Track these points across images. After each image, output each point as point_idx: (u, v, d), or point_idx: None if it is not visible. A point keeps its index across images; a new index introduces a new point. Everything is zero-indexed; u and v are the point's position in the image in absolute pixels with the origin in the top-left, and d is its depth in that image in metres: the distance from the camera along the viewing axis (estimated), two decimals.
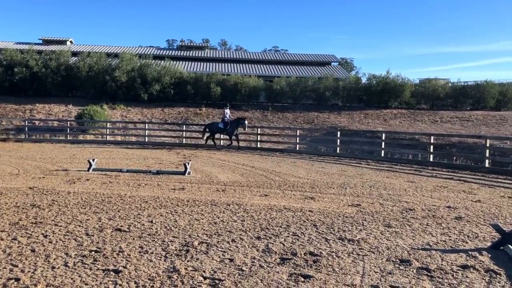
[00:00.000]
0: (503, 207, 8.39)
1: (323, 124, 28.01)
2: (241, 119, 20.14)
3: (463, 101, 32.73)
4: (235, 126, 19.80)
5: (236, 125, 19.80)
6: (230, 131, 19.90)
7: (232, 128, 19.80)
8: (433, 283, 4.29)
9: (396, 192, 9.74)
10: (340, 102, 34.86)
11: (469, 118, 27.94)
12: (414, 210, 7.79)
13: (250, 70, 41.50)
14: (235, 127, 19.80)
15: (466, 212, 7.75)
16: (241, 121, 19.81)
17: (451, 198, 9.15)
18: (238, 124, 19.80)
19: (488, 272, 4.66)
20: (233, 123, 19.90)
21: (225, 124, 19.98)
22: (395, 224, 6.70)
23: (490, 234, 6.20)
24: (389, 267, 4.73)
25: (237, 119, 20.30)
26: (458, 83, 36.07)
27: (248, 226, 6.31)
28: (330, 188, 10.12)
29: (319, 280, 4.27)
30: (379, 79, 33.71)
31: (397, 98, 32.79)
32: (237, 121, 19.98)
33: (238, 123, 19.82)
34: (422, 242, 5.76)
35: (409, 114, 30.13)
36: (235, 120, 20.18)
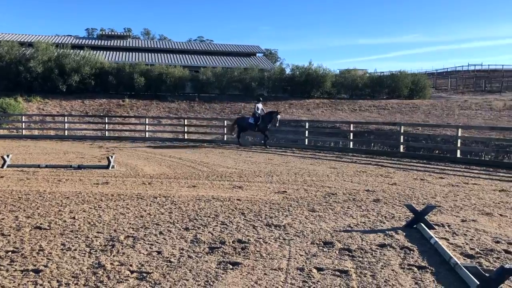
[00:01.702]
0: (416, 188, 9.04)
1: (250, 114, 28.27)
2: (273, 112, 17.94)
3: (379, 90, 34.62)
4: (267, 121, 17.65)
5: (269, 119, 17.60)
6: (263, 127, 17.78)
7: (265, 124, 17.67)
8: (354, 262, 4.55)
9: (320, 178, 10.13)
10: (265, 92, 35.40)
11: (385, 106, 29.60)
12: (336, 195, 8.17)
13: (175, 60, 40.79)
14: (267, 122, 17.65)
15: (383, 195, 8.26)
16: (273, 115, 17.59)
17: (369, 182, 9.69)
18: (270, 118, 17.58)
19: (403, 249, 5.02)
20: (265, 118, 17.73)
21: (256, 119, 17.83)
22: (319, 209, 6.98)
23: (405, 214, 6.67)
24: (313, 249, 4.94)
25: (269, 113, 18.06)
26: (375, 73, 38.12)
27: (176, 218, 6.26)
28: (257, 176, 10.30)
29: (247, 266, 4.36)
30: (302, 70, 34.67)
31: (319, 88, 33.92)
32: (270, 116, 17.75)
33: (270, 118, 17.61)
34: (343, 224, 6.06)
35: (330, 103, 31.31)
36: (267, 114, 17.96)
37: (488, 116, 23.87)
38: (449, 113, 25.94)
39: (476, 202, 7.69)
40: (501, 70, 60.14)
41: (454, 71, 63.38)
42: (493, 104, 28.64)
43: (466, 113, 25.45)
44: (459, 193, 8.51)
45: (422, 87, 34.66)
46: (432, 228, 5.83)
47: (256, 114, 17.88)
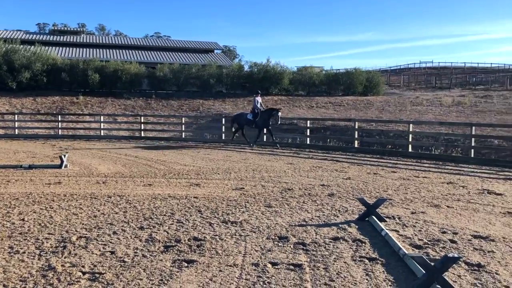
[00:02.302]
0: (369, 182, 9.31)
1: (208, 111, 28.15)
2: (273, 109, 17.08)
3: (335, 87, 35.24)
4: (266, 118, 16.70)
5: (268, 116, 16.66)
6: (261, 124, 16.85)
7: (263, 120, 16.70)
8: (308, 256, 4.65)
9: (277, 174, 10.24)
10: (224, 89, 35.28)
11: (341, 103, 30.20)
12: (293, 190, 8.29)
13: (131, 56, 39.96)
14: (266, 119, 16.70)
15: (337, 189, 8.45)
16: (274, 112, 16.65)
17: (325, 177, 9.89)
18: (269, 115, 16.64)
19: (355, 242, 5.17)
20: (263, 114, 16.79)
21: (255, 115, 16.91)
22: (275, 204, 7.07)
23: (357, 207, 6.85)
24: (269, 244, 5.00)
25: (268, 110, 17.21)
26: (331, 70, 38.63)
27: (130, 217, 6.17)
28: (215, 174, 10.28)
29: (202, 263, 4.37)
30: (260, 67, 34.79)
31: (277, 85, 34.14)
32: (269, 112, 16.82)
33: (270, 115, 16.66)
34: (299, 219, 6.17)
35: (288, 100, 31.60)
36: (266, 111, 17.02)
37: (438, 112, 24.82)
38: (401, 109, 26.78)
39: (425, 195, 8.01)
40: (450, 68, 62.72)
41: (407, 68, 65.53)
42: (443, 100, 29.80)
43: (417, 109, 26.35)
44: (410, 186, 8.84)
45: (376, 84, 35.57)
46: (383, 221, 6.03)
47: (256, 109, 16.92)
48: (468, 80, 48.18)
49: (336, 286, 3.88)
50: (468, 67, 63.73)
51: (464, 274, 4.22)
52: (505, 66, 64.08)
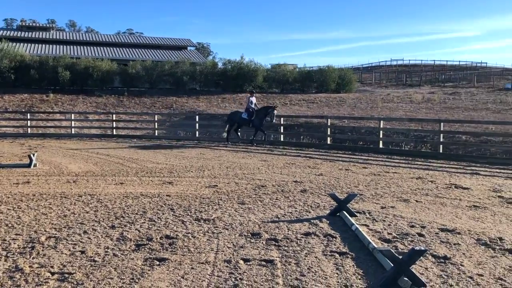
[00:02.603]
0: (341, 178, 9.45)
1: (182, 108, 27.96)
2: (269, 107, 16.65)
3: (309, 85, 35.56)
4: (262, 117, 16.30)
5: (264, 115, 16.26)
6: (257, 123, 16.39)
7: (259, 119, 16.31)
8: (280, 252, 4.69)
9: (251, 171, 10.27)
10: (198, 86, 35.12)
11: (314, 100, 30.48)
12: (266, 187, 8.34)
13: (102, 53, 39.31)
14: (262, 117, 16.30)
15: (310, 185, 8.55)
16: (269, 110, 16.23)
17: (298, 173, 9.98)
18: (265, 113, 16.24)
19: (326, 237, 5.25)
20: (259, 113, 16.41)
21: (250, 114, 16.51)
22: (248, 201, 7.10)
23: (329, 203, 6.94)
24: (241, 241, 5.03)
25: (264, 108, 16.81)
26: (304, 68, 39.01)
27: (101, 216, 6.09)
28: (188, 171, 10.24)
29: (174, 261, 4.36)
30: (234, 64, 34.77)
31: (251, 83, 34.18)
32: (265, 110, 16.42)
33: (265, 113, 16.25)
34: (271, 215, 6.22)
35: (262, 97, 31.67)
36: (261, 109, 16.64)
37: (408, 108, 25.34)
38: (373, 106, 27.21)
39: (395, 190, 8.19)
40: (420, 65, 64.05)
41: (378, 66, 66.64)
42: (413, 97, 30.44)
43: (388, 106, 26.83)
44: (380, 182, 9.01)
45: (348, 81, 36.06)
46: (354, 216, 6.14)
47: (250, 109, 16.60)
48: (438, 78, 49.33)
49: (307, 280, 3.94)
50: (437, 65, 65.27)
51: (431, 267, 4.34)
52: (473, 64, 65.93)
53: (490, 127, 16.71)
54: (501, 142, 14.22)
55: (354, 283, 3.92)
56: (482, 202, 7.25)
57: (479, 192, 8.07)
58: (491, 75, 49.77)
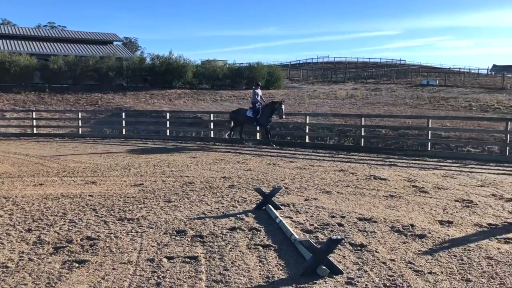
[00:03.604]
0: (268, 173, 9.64)
1: (108, 105, 27.00)
2: (275, 103, 15.04)
3: (239, 81, 35.79)
4: (269, 114, 14.77)
5: (271, 111, 14.71)
6: (263, 121, 14.78)
7: (266, 117, 14.75)
8: (204, 248, 4.72)
9: (179, 168, 10.18)
10: (124, 82, 34.09)
11: (245, 96, 30.71)
12: (194, 183, 8.31)
13: (21, 47, 36.91)
14: (269, 115, 14.79)
15: (238, 181, 8.64)
16: (276, 105, 14.67)
17: (227, 169, 10.04)
18: (272, 110, 14.68)
19: (251, 231, 5.35)
20: (265, 110, 14.77)
21: (256, 112, 14.81)
22: (175, 199, 7.04)
23: (256, 197, 7.06)
24: (166, 239, 4.99)
25: (270, 104, 15.11)
26: (234, 64, 39.13)
27: (17, 220, 5.76)
28: (113, 170, 9.94)
29: (95, 263, 4.24)
30: (163, 60, 34.15)
31: (180, 79, 33.80)
32: (271, 106, 14.79)
33: (272, 109, 14.68)
34: (198, 212, 6.22)
35: (192, 93, 31.43)
36: (268, 105, 14.95)
37: (333, 104, 26.32)
38: (300, 102, 27.94)
39: (318, 182, 8.50)
40: (344, 62, 66.68)
41: (306, 63, 68.54)
42: (337, 93, 31.66)
43: (315, 102, 27.69)
44: (305, 175, 9.31)
45: (277, 78, 36.73)
46: (278, 209, 6.30)
47: (257, 104, 14.87)
48: (360, 74, 51.67)
49: (230, 275, 4.00)
50: (360, 62, 68.31)
51: (348, 254, 4.57)
52: (393, 61, 69.78)
53: (407, 121, 17.79)
54: (417, 135, 15.21)
55: (275, 274, 4.04)
56: (397, 191, 7.73)
57: (395, 182, 8.59)
58: (409, 72, 52.98)
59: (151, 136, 18.17)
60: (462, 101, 26.40)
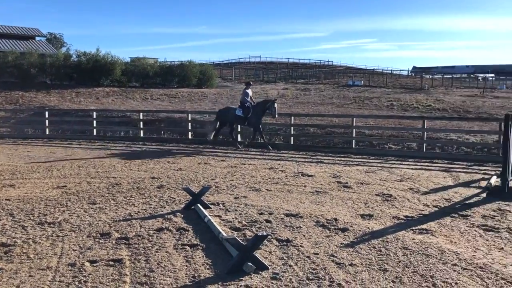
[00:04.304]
0: (199, 172, 9.59)
1: (30, 104, 25.46)
2: (267, 101, 14.02)
3: (170, 79, 35.21)
4: (260, 113, 13.67)
5: (262, 111, 13.65)
6: (254, 121, 13.64)
7: (257, 116, 13.61)
8: (129, 250, 4.61)
9: (106, 169, 9.84)
10: (48, 80, 32.37)
11: (176, 95, 30.31)
12: (121, 185, 8.08)
13: None
14: (260, 114, 13.69)
15: (168, 181, 8.51)
16: (269, 104, 13.63)
17: (156, 169, 9.86)
18: (264, 109, 13.63)
19: (179, 231, 5.30)
20: (256, 109, 13.64)
21: (246, 111, 13.70)
22: (100, 200, 6.81)
23: (185, 197, 6.98)
24: (89, 243, 4.81)
25: (262, 102, 14.08)
26: (165, 62, 38.50)
27: None
28: (34, 172, 9.42)
29: (9, 271, 4.00)
30: (89, 57, 32.82)
31: (108, 76, 32.65)
32: (263, 105, 13.72)
33: (264, 108, 13.62)
34: (124, 214, 6.06)
35: (121, 92, 30.48)
36: (259, 104, 13.92)
37: None
38: (233, 101, 27.98)
39: (249, 180, 8.59)
40: (276, 63, 67.90)
41: (238, 63, 68.90)
42: (269, 92, 32.13)
43: None
44: (236, 173, 9.37)
45: (210, 76, 36.59)
46: (208, 208, 6.30)
47: (246, 104, 13.78)
48: (291, 75, 52.86)
49: (155, 276, 3.95)
50: (291, 63, 69.82)
51: (274, 250, 4.68)
52: (321, 62, 72.08)
53: (334, 120, 18.45)
54: (343, 133, 15.81)
55: (202, 273, 4.04)
56: (323, 187, 8.01)
57: (322, 178, 8.89)
58: (336, 73, 55.02)
59: (77, 136, 17.38)
60: (384, 101, 27.81)
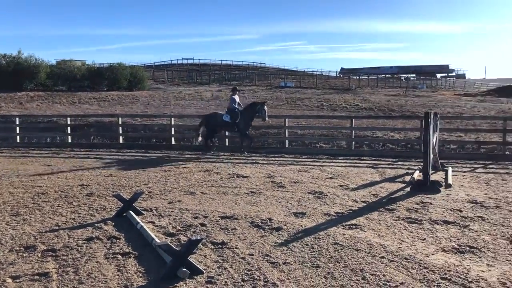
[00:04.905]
0: (131, 177, 9.33)
1: None
2: (256, 104, 13.23)
3: (99, 82, 34.01)
4: (249, 118, 12.97)
5: (251, 115, 12.96)
6: (243, 126, 12.93)
7: (245, 121, 12.93)
8: (57, 262, 4.39)
9: (30, 178, 9.30)
10: None
11: (106, 98, 29.30)
12: (47, 194, 7.67)
13: None
14: (249, 119, 12.98)
15: (97, 188, 8.21)
16: (258, 107, 12.89)
17: (85, 176, 9.47)
18: (253, 113, 12.94)
19: (110, 239, 5.13)
20: (244, 114, 12.91)
21: (234, 116, 12.95)
22: (24, 211, 6.43)
23: (117, 204, 6.77)
24: (11, 257, 4.53)
25: (251, 105, 13.29)
26: (93, 65, 37.09)
27: None
28: None
29: None
30: (10, 59, 30.96)
31: (32, 80, 30.95)
32: (252, 109, 13.00)
33: (253, 112, 12.94)
34: (51, 224, 5.76)
35: (47, 96, 28.99)
36: (247, 108, 13.14)
37: (199, 105, 26.49)
38: (166, 103, 27.59)
39: (183, 184, 8.49)
40: (209, 64, 67.72)
41: (170, 65, 67.99)
42: (203, 94, 31.99)
43: (181, 103, 27.58)
44: (170, 177, 9.22)
45: (141, 79, 35.79)
46: (140, 214, 6.15)
47: (234, 109, 13.07)
48: (225, 76, 52.98)
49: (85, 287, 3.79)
50: (224, 65, 69.98)
51: (209, 254, 4.66)
52: (254, 64, 72.88)
53: (268, 121, 18.67)
54: (276, 134, 16.09)
55: (135, 282, 3.94)
56: (258, 188, 8.10)
57: (257, 179, 8.99)
58: (269, 75, 55.88)
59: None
60: (315, 101, 28.63)
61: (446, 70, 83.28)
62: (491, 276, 4.08)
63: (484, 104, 28.09)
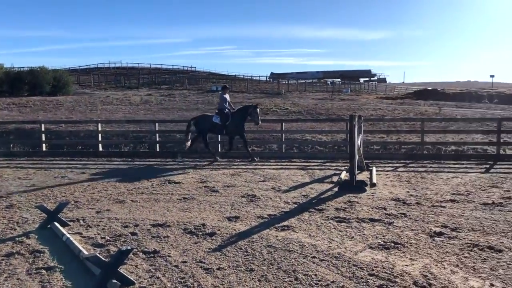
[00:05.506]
0: (55, 187, 8.85)
1: None
2: (248, 107, 12.49)
3: (19, 87, 32.00)
4: (239, 120, 12.17)
5: (242, 117, 12.22)
6: (233, 129, 12.20)
7: (236, 124, 12.14)
8: None
9: None
10: None
11: (27, 104, 27.61)
12: None
13: None
14: (240, 121, 12.17)
15: (18, 199, 7.70)
16: (250, 110, 12.23)
17: (4, 187, 8.84)
18: (245, 116, 12.23)
19: (33, 254, 4.83)
20: (236, 116, 12.19)
21: (224, 118, 12.13)
22: None
23: (40, 216, 6.39)
24: None
25: (243, 108, 12.55)
26: (12, 68, 34.84)
27: None
28: None
29: None
30: None
31: None
32: (243, 111, 12.31)
33: (245, 115, 12.23)
34: None
35: None
36: (240, 110, 12.42)
37: (128, 110, 25.73)
38: (92, 108, 26.50)
39: (112, 192, 8.20)
40: (138, 68, 66.14)
41: (97, 68, 65.51)
42: (131, 99, 31.12)
43: (108, 108, 26.63)
44: (98, 186, 8.87)
45: (65, 83, 34.17)
46: (66, 225, 5.86)
47: (225, 110, 12.26)
48: (154, 80, 51.96)
49: None
50: (153, 68, 68.64)
51: (141, 263, 4.54)
52: (184, 68, 72.28)
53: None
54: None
55: None
56: (190, 193, 8.01)
57: (189, 184, 8.89)
58: (200, 79, 55.60)
59: None
60: None
61: (368, 75, 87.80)
62: (414, 269, 4.33)
63: (403, 106, 29.89)
